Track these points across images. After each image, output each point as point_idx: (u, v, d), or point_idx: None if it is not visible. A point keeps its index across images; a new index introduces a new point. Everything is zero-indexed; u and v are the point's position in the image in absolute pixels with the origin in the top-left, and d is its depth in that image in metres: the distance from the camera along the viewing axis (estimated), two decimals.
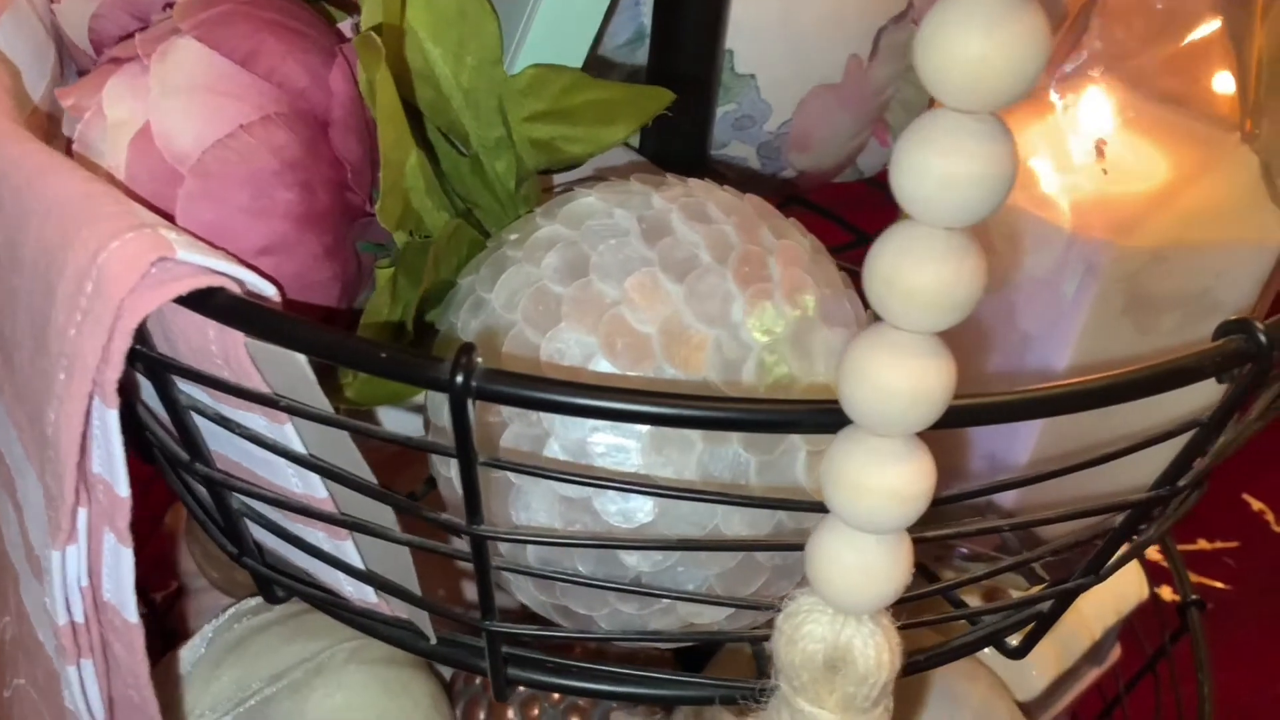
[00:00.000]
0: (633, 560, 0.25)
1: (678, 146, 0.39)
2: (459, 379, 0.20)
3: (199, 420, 0.24)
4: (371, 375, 0.25)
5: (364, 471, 0.23)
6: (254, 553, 0.29)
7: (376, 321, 0.26)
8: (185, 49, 0.25)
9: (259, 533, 0.28)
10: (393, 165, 0.25)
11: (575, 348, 0.24)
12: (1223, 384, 0.24)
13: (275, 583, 0.29)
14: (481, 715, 0.37)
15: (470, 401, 0.21)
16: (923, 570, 0.38)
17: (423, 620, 0.27)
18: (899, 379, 0.19)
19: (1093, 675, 0.52)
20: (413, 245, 0.27)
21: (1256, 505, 0.78)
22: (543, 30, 0.30)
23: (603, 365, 0.24)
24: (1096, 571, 0.28)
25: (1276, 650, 0.69)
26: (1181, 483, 0.26)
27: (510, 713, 0.36)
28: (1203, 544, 0.75)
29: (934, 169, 0.17)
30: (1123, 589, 0.51)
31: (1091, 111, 0.28)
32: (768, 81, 0.39)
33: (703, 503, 0.24)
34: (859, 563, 0.20)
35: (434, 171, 0.29)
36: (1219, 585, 0.72)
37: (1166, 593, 0.73)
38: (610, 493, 0.24)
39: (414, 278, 0.26)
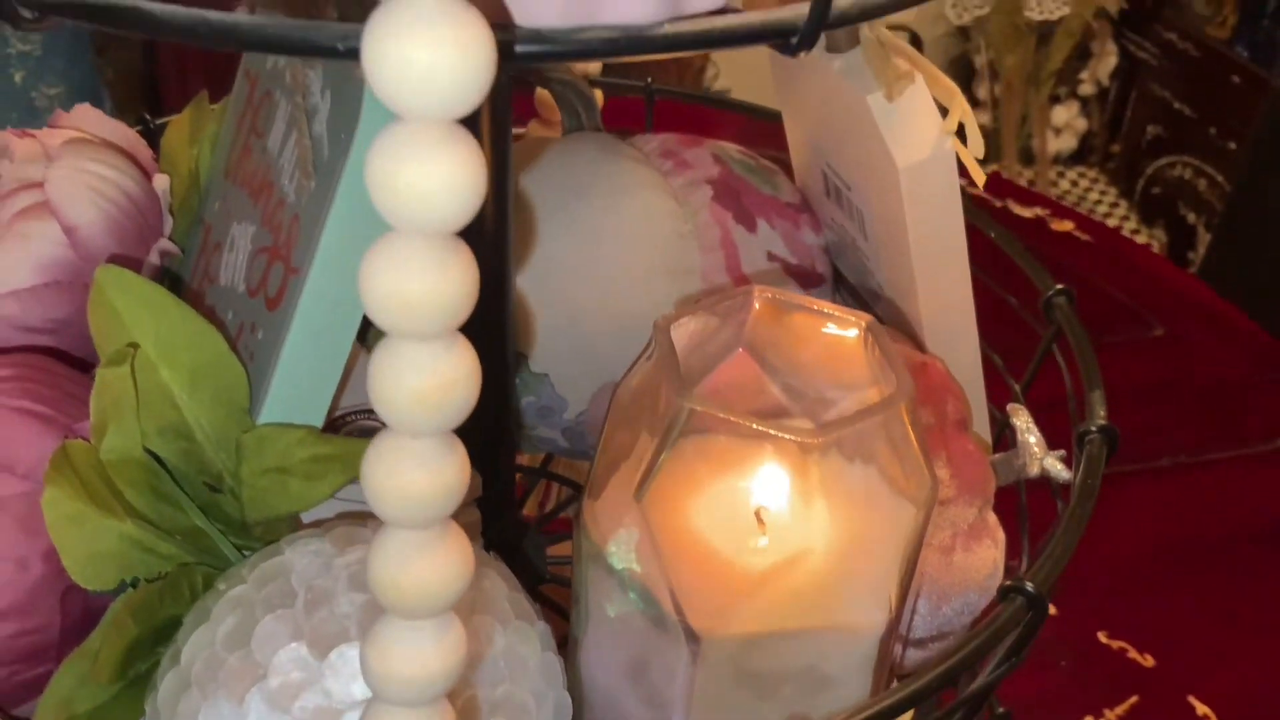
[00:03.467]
0: None
1: (486, 434, 0.43)
2: None
3: None
4: None
5: None
6: None
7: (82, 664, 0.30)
8: None
9: None
10: (74, 558, 0.29)
11: (227, 718, 0.28)
12: None
13: None
14: None
15: None
16: None
17: None
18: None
19: None
20: (126, 596, 0.31)
21: (1201, 709, 0.77)
22: (284, 385, 0.34)
23: None
24: None
25: None
26: None
27: None
28: None
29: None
30: None
31: (765, 480, 0.30)
32: (560, 379, 0.42)
33: None
34: None
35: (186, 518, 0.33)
36: None
37: None
38: None
39: (120, 623, 0.30)
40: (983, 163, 0.37)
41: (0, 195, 0.39)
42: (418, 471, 0.20)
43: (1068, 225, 1.21)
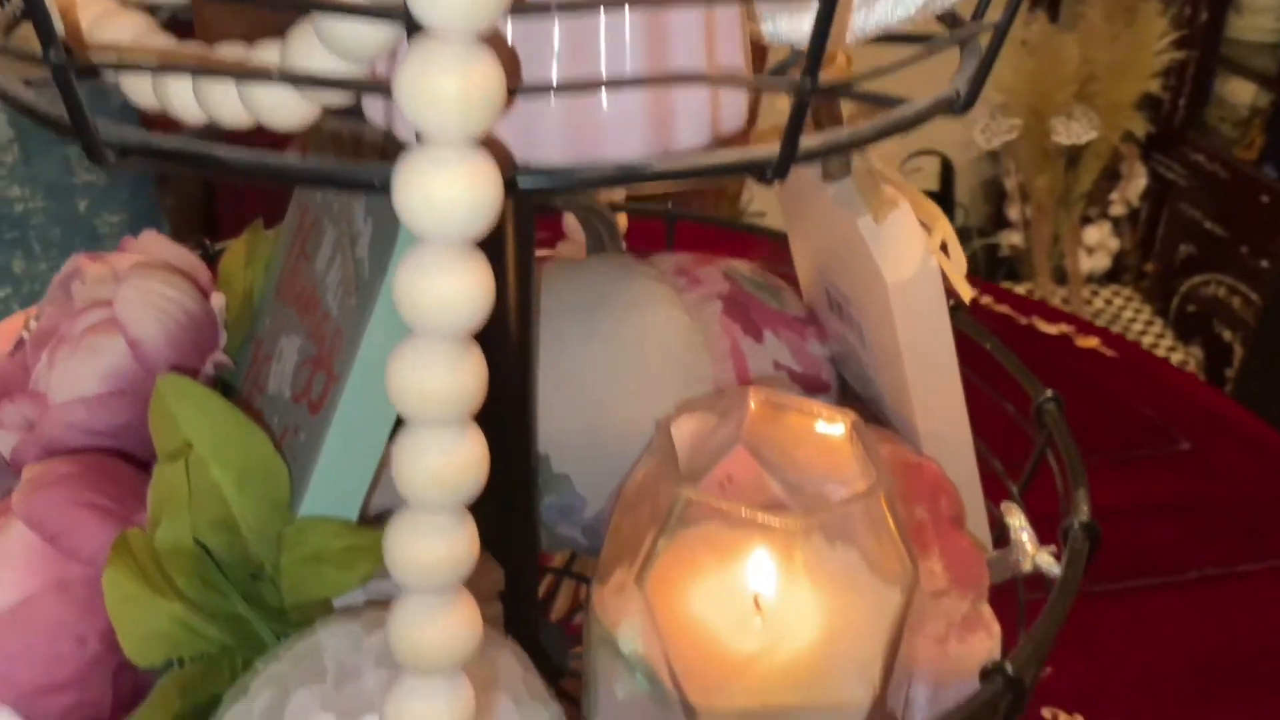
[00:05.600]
0: None
1: (510, 532, 0.46)
2: None
3: None
4: None
5: None
6: None
7: None
8: (11, 528, 0.33)
9: None
10: (129, 635, 0.32)
11: None
12: None
13: None
14: None
15: None
16: None
17: None
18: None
19: None
20: (173, 673, 0.33)
21: None
22: (322, 481, 0.37)
23: None
24: None
25: None
26: None
27: None
28: None
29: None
30: None
31: (756, 565, 0.33)
32: (580, 479, 0.45)
33: None
34: None
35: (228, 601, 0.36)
36: None
37: None
38: None
39: (166, 697, 0.33)
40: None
41: (73, 313, 0.44)
42: (434, 543, 0.23)
43: (1093, 341, 1.23)
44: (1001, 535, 0.46)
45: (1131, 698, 0.84)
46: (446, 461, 0.22)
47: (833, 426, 0.34)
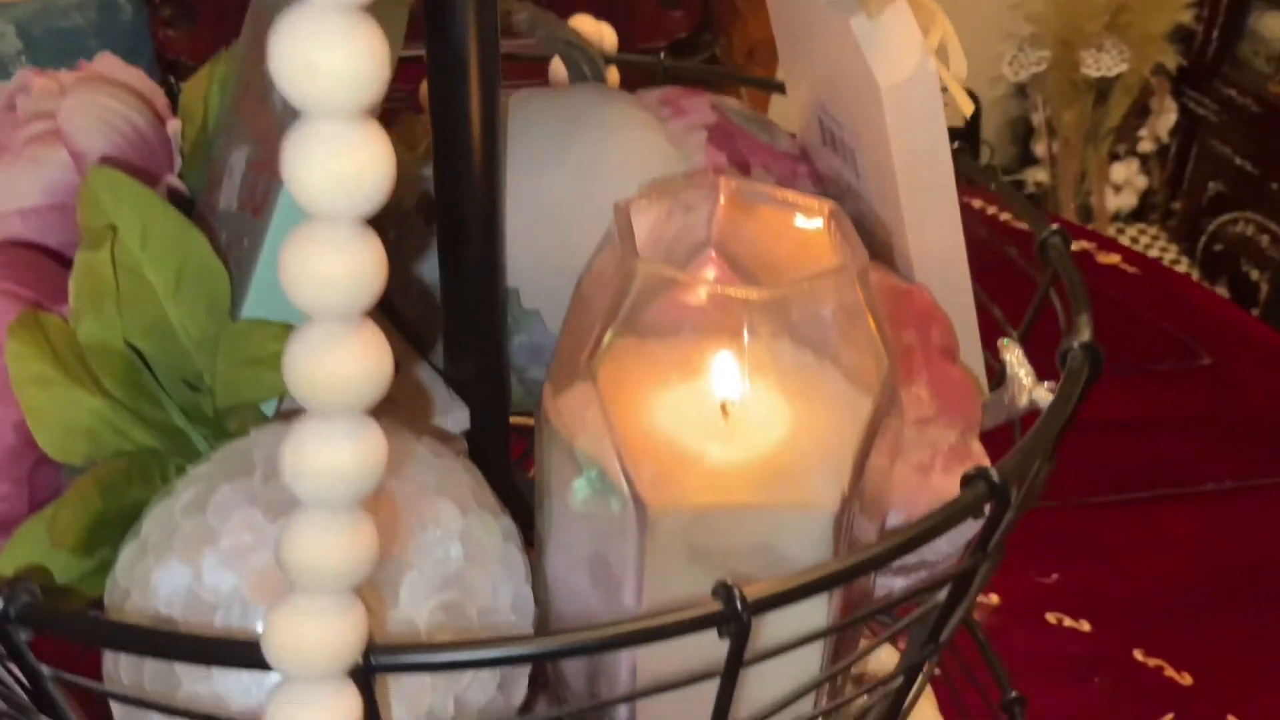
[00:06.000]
0: None
1: (478, 372, 0.43)
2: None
3: None
4: None
5: None
6: None
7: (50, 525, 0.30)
8: None
9: None
10: (41, 423, 0.30)
11: (178, 578, 0.28)
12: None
13: None
14: None
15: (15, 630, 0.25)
16: None
17: None
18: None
19: None
20: (94, 469, 0.31)
21: None
22: (263, 282, 0.35)
23: (199, 597, 0.28)
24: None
25: None
26: None
27: None
28: None
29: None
30: None
31: (723, 371, 0.30)
32: (551, 315, 0.43)
33: None
34: None
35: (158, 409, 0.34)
36: None
37: None
38: None
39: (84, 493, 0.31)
40: None
41: (16, 125, 0.41)
42: (331, 256, 0.20)
43: (1114, 258, 1.20)
44: (1000, 380, 0.43)
45: (1139, 607, 0.82)
46: (340, 156, 0.19)
47: (811, 220, 0.31)
